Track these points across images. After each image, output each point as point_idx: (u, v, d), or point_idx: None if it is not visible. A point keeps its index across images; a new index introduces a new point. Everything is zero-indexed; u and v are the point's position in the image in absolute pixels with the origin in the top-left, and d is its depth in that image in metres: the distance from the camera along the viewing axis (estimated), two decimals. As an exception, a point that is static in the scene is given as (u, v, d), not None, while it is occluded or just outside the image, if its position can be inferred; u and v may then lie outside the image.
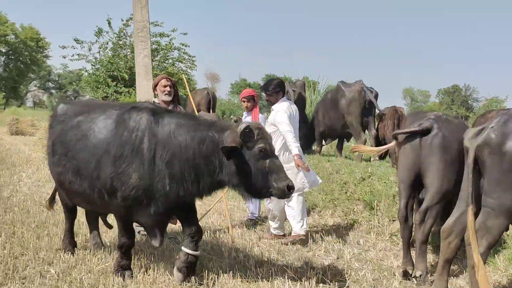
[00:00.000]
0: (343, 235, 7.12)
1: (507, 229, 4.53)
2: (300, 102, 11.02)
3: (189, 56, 24.28)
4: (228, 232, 7.07)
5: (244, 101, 7.63)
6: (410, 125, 5.68)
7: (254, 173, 4.48)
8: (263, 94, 7.34)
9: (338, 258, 6.15)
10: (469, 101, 67.32)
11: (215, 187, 4.82)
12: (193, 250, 4.86)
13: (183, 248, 4.89)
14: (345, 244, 6.64)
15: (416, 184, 5.53)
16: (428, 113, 5.80)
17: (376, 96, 10.43)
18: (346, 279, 5.34)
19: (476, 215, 4.32)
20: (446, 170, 5.29)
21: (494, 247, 4.50)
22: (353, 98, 10.16)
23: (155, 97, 6.60)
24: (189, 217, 5.03)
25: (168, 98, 6.34)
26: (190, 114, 5.62)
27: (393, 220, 7.27)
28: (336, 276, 5.44)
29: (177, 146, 4.57)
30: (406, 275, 5.41)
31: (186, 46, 23.85)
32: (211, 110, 14.76)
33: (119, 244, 4.97)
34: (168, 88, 6.34)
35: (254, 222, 7.84)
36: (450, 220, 4.53)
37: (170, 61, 24.00)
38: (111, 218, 6.02)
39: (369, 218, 7.56)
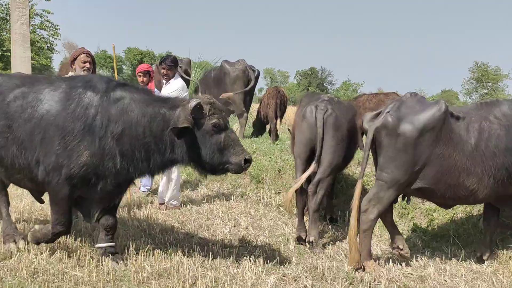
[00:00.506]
0: (235, 205, 7.58)
1: (396, 200, 5.36)
2: (185, 79, 11.17)
3: (52, 24, 23.01)
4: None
5: (140, 76, 7.60)
6: (307, 105, 6.26)
7: (209, 150, 4.39)
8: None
9: (235, 226, 6.61)
10: (324, 84, 71.78)
11: (167, 165, 4.71)
12: (108, 242, 4.80)
13: (97, 245, 4.83)
14: (239, 214, 7.10)
15: (310, 159, 6.14)
16: (322, 95, 6.45)
17: (257, 76, 10.96)
18: (247, 244, 5.81)
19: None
20: (337, 146, 6.01)
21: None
22: (237, 76, 10.56)
23: (71, 71, 6.24)
24: (111, 208, 4.86)
25: (86, 74, 5.92)
26: (145, 88, 5.36)
27: (279, 193, 7.92)
28: (238, 241, 5.90)
29: (128, 123, 4.40)
30: (300, 240, 6.05)
31: (48, 13, 22.57)
32: None
33: (53, 231, 4.57)
34: (88, 65, 6.03)
35: (147, 194, 7.96)
36: (367, 196, 5.23)
37: (31, 28, 22.40)
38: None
39: (256, 190, 8.11)
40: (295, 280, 4.71)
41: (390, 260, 5.44)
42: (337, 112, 6.06)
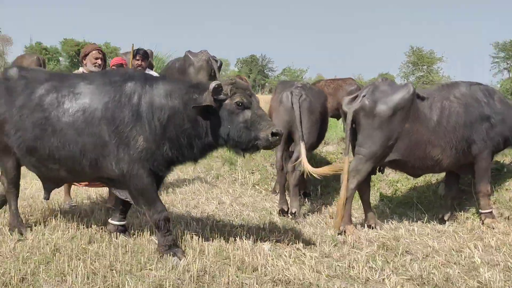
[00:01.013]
0: (213, 186, 8.07)
1: (373, 172, 6.07)
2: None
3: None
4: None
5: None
6: (282, 91, 6.83)
7: (237, 128, 4.43)
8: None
9: (219, 203, 7.12)
10: (265, 71, 72.73)
11: (206, 149, 4.78)
12: (120, 221, 5.17)
13: (110, 221, 5.19)
14: (220, 193, 7.60)
15: (286, 140, 6.73)
16: (296, 82, 7.04)
17: (220, 66, 11.42)
18: (235, 219, 6.33)
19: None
20: (311, 128, 6.65)
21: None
22: (201, 66, 10.97)
23: (81, 66, 6.43)
24: None
25: (98, 70, 6.15)
26: (182, 79, 5.61)
27: (252, 173, 8.49)
28: (226, 217, 6.41)
29: (172, 110, 4.54)
30: (283, 212, 6.63)
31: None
32: None
33: (154, 221, 4.65)
34: (99, 61, 6.21)
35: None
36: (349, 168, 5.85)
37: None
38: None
39: (230, 172, 8.63)
40: (287, 245, 5.26)
41: (365, 225, 6.14)
42: (310, 97, 6.69)
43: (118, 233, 5.10)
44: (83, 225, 5.48)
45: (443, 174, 7.07)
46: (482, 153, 5.93)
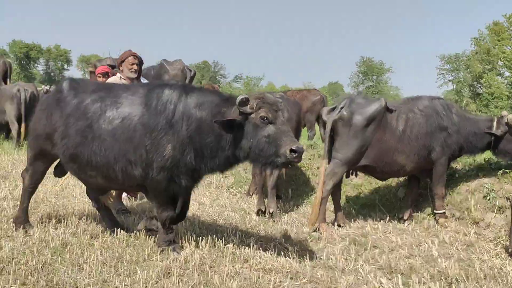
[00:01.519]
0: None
1: (347, 175, 6.81)
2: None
3: None
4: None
5: (99, 77, 7.92)
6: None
7: (259, 142, 4.44)
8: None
9: (200, 204, 7.65)
10: (217, 77, 73.22)
11: (231, 162, 4.87)
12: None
13: (139, 226, 5.52)
14: (198, 196, 8.12)
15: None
16: (274, 94, 7.70)
17: (193, 75, 11.96)
18: (217, 219, 6.87)
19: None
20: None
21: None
22: (176, 75, 11.43)
23: (118, 72, 6.64)
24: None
25: (134, 75, 6.43)
26: (215, 90, 5.67)
27: (226, 177, 9.07)
28: (209, 216, 6.96)
29: (199, 121, 4.68)
30: (260, 212, 7.24)
31: None
32: (8, 81, 13.84)
33: (161, 219, 5.03)
34: (135, 66, 6.44)
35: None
36: (326, 171, 6.54)
37: None
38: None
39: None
40: (270, 240, 5.87)
41: (336, 224, 6.86)
42: (287, 107, 7.35)
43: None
44: (84, 223, 5.89)
45: (401, 179, 7.93)
46: (440, 159, 6.80)
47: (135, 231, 5.57)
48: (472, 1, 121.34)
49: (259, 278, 4.45)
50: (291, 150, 4.28)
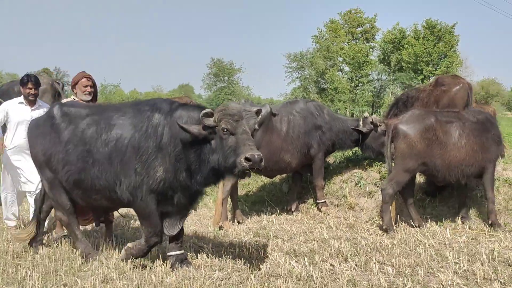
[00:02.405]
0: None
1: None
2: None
3: None
4: None
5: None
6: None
7: (224, 154, 4.46)
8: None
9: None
10: (59, 83, 69.57)
11: (217, 175, 4.78)
12: (178, 250, 5.23)
13: (169, 254, 5.23)
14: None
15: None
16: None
17: (62, 87, 11.69)
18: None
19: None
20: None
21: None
22: (45, 89, 11.06)
23: (73, 95, 6.43)
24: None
25: (88, 98, 6.26)
26: (199, 105, 5.49)
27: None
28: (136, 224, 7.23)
29: (183, 139, 4.69)
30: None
31: None
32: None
33: (148, 243, 5.02)
34: (88, 88, 6.28)
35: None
36: None
37: None
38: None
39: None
40: (185, 241, 6.33)
41: (235, 220, 7.56)
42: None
43: (180, 263, 5.15)
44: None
45: (284, 175, 8.88)
46: (317, 154, 7.84)
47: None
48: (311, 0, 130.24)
49: (191, 273, 4.95)
50: (246, 159, 4.24)
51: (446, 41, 47.67)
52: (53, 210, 6.05)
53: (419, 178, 7.85)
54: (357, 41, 56.65)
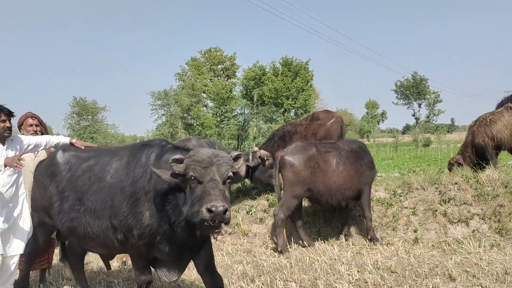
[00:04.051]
0: None
1: None
2: None
3: None
4: None
5: None
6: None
7: (192, 204, 4.05)
8: None
9: None
10: None
11: (187, 223, 4.24)
12: None
13: None
14: None
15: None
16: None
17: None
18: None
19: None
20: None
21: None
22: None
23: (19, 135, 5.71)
24: (206, 265, 4.81)
25: (38, 135, 5.78)
26: (189, 148, 4.90)
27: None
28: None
29: (161, 186, 4.39)
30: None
31: None
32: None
33: (138, 282, 4.78)
34: (34, 128, 5.94)
35: None
36: None
37: None
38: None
39: None
40: (96, 276, 6.41)
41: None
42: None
43: None
44: None
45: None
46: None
47: None
48: (174, 39, 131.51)
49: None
50: (207, 209, 3.81)
51: (302, 77, 51.35)
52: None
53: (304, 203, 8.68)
54: (219, 77, 58.74)
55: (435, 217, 7.89)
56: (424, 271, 5.87)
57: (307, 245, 7.46)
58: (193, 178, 4.06)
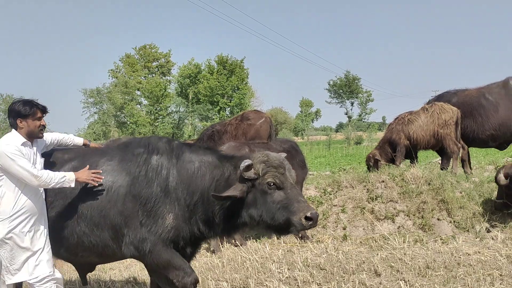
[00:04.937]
0: None
1: None
2: None
3: None
4: None
5: None
6: None
7: (269, 210, 4.03)
8: None
9: None
10: None
11: (239, 227, 4.35)
12: None
13: None
14: None
15: None
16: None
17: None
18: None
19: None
20: None
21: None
22: None
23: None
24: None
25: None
26: (211, 147, 4.61)
27: None
28: None
29: (202, 188, 4.22)
30: None
31: None
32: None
33: (183, 285, 4.16)
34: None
35: None
36: None
37: None
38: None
39: None
40: None
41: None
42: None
43: None
44: None
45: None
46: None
47: None
48: (108, 35, 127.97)
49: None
50: (306, 218, 3.91)
51: (238, 75, 51.59)
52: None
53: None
54: (154, 75, 57.89)
55: (363, 214, 8.16)
56: (352, 267, 6.06)
57: (239, 244, 7.50)
58: (271, 184, 4.02)
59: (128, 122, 48.62)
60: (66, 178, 4.11)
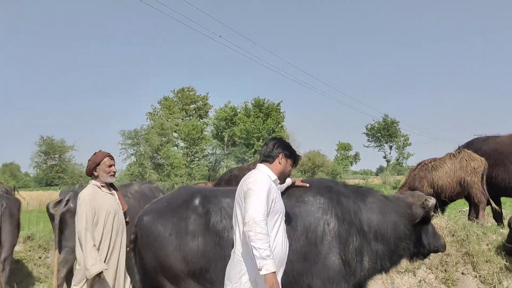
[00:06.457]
0: None
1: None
2: None
3: None
4: None
5: None
6: None
7: (429, 237, 4.97)
8: None
9: None
10: None
11: (414, 257, 5.05)
12: None
13: None
14: None
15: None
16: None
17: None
18: None
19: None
20: (14, 231, 7.45)
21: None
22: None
23: (92, 179, 5.22)
24: None
25: (113, 180, 5.17)
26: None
27: None
28: None
29: (393, 225, 4.64)
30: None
31: None
32: None
33: None
34: (113, 168, 5.17)
35: None
36: (59, 260, 6.90)
37: None
38: None
39: None
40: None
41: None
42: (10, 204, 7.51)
43: None
44: None
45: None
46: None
47: None
48: (144, 79, 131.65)
49: None
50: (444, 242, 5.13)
51: (274, 118, 51.74)
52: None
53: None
54: (191, 117, 58.83)
55: (383, 266, 7.75)
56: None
57: None
58: (428, 217, 4.75)
59: (164, 164, 49.11)
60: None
